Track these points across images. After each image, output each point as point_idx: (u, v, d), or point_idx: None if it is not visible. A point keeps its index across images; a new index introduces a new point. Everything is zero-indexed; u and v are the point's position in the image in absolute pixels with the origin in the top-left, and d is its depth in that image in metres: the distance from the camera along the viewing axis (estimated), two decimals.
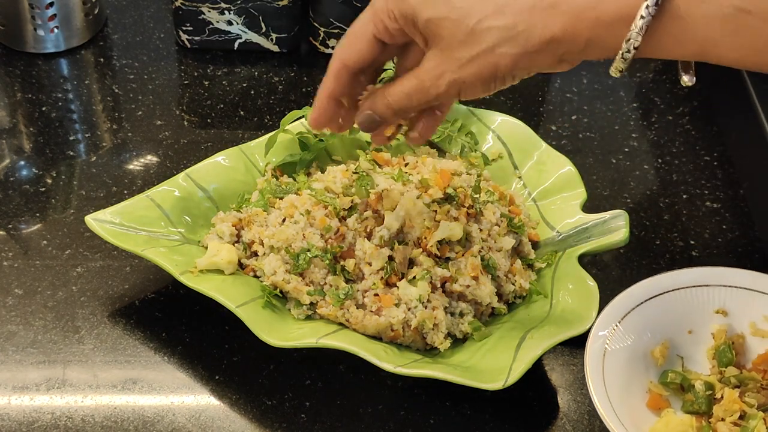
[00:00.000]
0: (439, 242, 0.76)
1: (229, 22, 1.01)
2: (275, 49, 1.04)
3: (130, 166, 0.92)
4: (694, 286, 0.77)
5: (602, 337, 0.73)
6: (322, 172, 0.85)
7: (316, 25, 1.02)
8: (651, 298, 0.76)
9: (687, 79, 0.64)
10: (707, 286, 0.77)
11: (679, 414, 0.73)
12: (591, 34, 0.60)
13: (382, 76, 0.71)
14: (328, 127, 0.71)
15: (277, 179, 0.85)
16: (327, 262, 0.76)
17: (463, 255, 0.77)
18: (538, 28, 0.60)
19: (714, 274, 0.77)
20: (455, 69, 0.62)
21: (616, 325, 0.73)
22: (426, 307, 0.75)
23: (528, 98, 1.02)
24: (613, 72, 0.62)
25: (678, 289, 0.77)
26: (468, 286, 0.76)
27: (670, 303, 0.76)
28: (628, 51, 0.59)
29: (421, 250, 0.76)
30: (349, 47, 0.66)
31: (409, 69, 0.66)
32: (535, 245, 0.83)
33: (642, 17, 0.58)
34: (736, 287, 0.77)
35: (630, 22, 0.59)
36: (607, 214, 0.81)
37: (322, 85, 0.68)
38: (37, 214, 0.87)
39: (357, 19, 0.65)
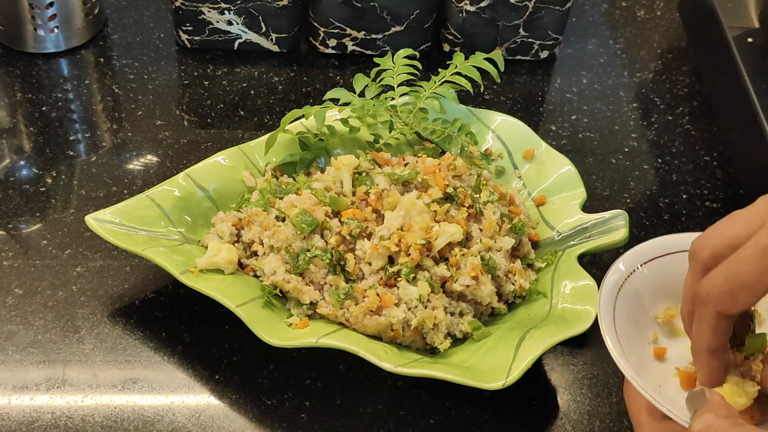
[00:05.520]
0: None
1: (229, 22, 1.01)
2: (275, 49, 1.04)
3: (130, 166, 0.92)
4: None
5: (622, 273, 0.69)
6: (322, 172, 0.85)
7: (316, 25, 1.02)
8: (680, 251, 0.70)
9: None
10: None
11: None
12: None
13: None
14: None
15: (277, 179, 0.85)
16: (327, 261, 0.76)
17: (463, 255, 0.77)
18: None
19: None
20: None
21: (640, 266, 0.69)
22: (426, 307, 0.75)
23: (528, 98, 1.02)
24: None
25: None
26: (468, 286, 0.76)
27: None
28: None
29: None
30: (733, 297, 0.57)
31: None
32: (535, 245, 0.83)
33: None
34: None
35: None
36: (606, 214, 0.81)
37: (697, 340, 0.61)
38: (37, 214, 0.87)
39: (742, 261, 0.56)
